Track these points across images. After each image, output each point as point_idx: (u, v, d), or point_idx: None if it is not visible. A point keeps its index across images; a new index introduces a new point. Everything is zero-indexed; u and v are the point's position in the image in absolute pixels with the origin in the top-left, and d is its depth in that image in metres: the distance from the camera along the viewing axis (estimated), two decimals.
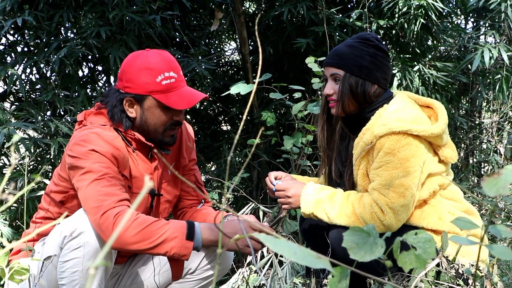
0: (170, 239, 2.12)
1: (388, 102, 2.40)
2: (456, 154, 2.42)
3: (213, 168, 5.68)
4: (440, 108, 2.42)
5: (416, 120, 2.30)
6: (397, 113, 2.31)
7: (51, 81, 4.67)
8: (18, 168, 3.97)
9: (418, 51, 5.18)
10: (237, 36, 5.42)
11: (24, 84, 4.52)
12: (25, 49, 4.75)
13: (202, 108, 5.79)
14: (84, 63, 4.88)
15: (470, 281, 2.08)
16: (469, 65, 5.47)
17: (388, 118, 2.31)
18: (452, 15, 5.55)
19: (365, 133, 2.37)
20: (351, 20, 4.88)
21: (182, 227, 2.16)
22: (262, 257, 3.38)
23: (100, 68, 4.97)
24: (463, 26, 6.33)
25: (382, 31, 5.10)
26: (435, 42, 5.45)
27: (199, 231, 2.19)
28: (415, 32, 4.75)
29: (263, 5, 5.80)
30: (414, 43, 5.11)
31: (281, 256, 3.35)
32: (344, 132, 2.52)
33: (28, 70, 4.64)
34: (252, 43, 5.43)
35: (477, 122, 6.29)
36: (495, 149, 5.98)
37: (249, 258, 3.25)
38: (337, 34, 4.73)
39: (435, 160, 2.38)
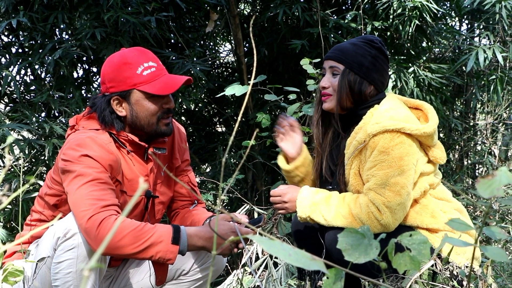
0: (156, 243, 2.13)
1: (379, 102, 2.42)
2: (445, 155, 2.45)
3: (208, 170, 5.67)
4: (430, 109, 2.45)
5: (409, 119, 2.33)
6: (390, 112, 2.33)
7: (46, 82, 4.65)
8: (12, 169, 3.96)
9: (413, 52, 5.19)
10: (232, 38, 5.41)
11: (19, 86, 4.51)
12: (20, 50, 4.73)
13: (197, 109, 5.78)
14: (79, 65, 4.87)
15: (464, 283, 2.08)
16: (463, 67, 5.48)
17: (381, 117, 2.33)
18: (447, 17, 5.56)
19: (358, 132, 2.38)
20: (346, 21, 4.88)
21: (167, 231, 2.16)
22: (257, 258, 3.37)
23: (95, 69, 4.96)
24: (458, 28, 6.34)
25: (377, 33, 5.11)
26: (429, 43, 5.45)
27: (185, 236, 2.20)
28: (409, 34, 4.76)
29: (258, 7, 5.80)
30: (408, 44, 5.12)
31: (276, 257, 3.34)
32: (336, 130, 2.52)
33: (22, 72, 4.62)
34: (247, 45, 5.43)
35: (471, 124, 6.29)
36: (490, 150, 5.99)
37: (243, 260, 3.25)
38: (332, 35, 4.73)
39: (425, 160, 2.40)
